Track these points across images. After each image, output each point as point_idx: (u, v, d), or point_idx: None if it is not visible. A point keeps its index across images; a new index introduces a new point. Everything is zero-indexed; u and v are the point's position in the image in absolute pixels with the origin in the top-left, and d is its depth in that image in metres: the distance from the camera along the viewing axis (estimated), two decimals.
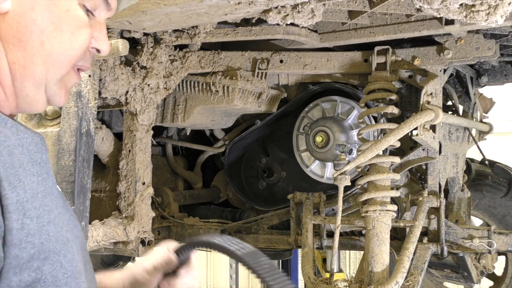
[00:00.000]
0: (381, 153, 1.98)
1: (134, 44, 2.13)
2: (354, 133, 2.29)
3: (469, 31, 1.96)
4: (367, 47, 2.16)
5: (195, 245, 1.11)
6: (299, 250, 2.34)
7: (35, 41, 0.82)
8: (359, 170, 2.11)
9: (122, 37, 1.98)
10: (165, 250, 1.13)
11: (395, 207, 1.98)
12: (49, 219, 0.82)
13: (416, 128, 1.96)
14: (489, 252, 2.13)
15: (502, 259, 2.95)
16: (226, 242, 1.04)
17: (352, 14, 1.94)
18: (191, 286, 1.18)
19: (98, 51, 0.92)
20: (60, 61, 0.86)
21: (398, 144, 1.99)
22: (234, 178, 2.78)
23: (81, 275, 0.85)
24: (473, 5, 1.41)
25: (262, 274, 0.97)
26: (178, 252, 1.14)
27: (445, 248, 2.07)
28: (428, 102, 1.99)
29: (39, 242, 0.77)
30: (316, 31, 2.10)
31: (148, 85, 2.20)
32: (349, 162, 2.04)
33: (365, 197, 1.98)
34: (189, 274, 1.17)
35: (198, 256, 1.19)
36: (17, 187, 0.74)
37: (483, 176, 2.94)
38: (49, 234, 0.80)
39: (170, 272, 1.15)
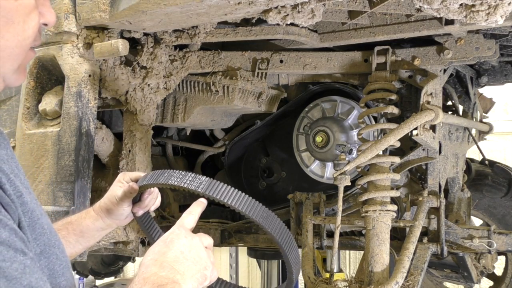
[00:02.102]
0: (381, 153, 1.98)
1: (134, 44, 2.13)
2: (354, 133, 2.29)
3: (469, 31, 1.96)
4: (367, 47, 2.16)
5: (154, 183, 1.25)
6: (299, 250, 2.34)
7: None
8: (359, 170, 2.11)
9: (122, 37, 1.98)
10: (123, 184, 1.32)
11: (395, 207, 1.98)
12: (41, 212, 0.82)
13: (416, 128, 1.97)
14: (489, 252, 2.13)
15: (502, 259, 2.95)
16: (183, 180, 1.16)
17: (352, 14, 1.94)
18: (156, 205, 1.41)
19: (45, 24, 0.91)
20: (16, 53, 0.85)
21: (398, 144, 1.99)
22: (234, 178, 2.78)
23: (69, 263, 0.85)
24: (473, 5, 1.41)
25: (225, 199, 1.11)
26: (138, 182, 1.32)
27: (445, 248, 2.07)
28: (428, 102, 2.00)
29: (32, 237, 0.77)
30: (316, 31, 2.10)
31: (148, 85, 2.20)
32: (349, 162, 2.04)
33: (365, 197, 1.98)
34: (152, 195, 1.37)
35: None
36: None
37: (483, 176, 2.94)
38: (43, 227, 0.80)
39: (137, 199, 1.36)
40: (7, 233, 0.67)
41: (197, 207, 1.16)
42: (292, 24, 1.80)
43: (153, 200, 1.40)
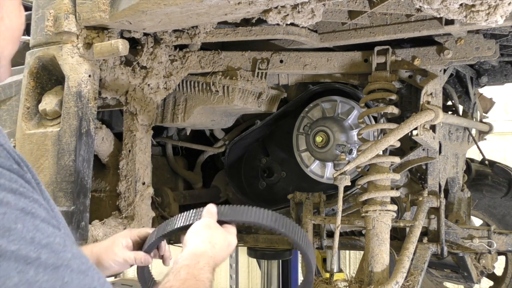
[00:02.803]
0: (381, 153, 1.98)
1: (134, 44, 2.13)
2: (354, 133, 2.29)
3: (469, 31, 1.96)
4: (367, 47, 2.16)
5: (159, 240, 1.27)
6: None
7: None
8: (359, 170, 2.11)
9: (122, 37, 1.98)
10: (128, 242, 1.28)
11: (395, 207, 1.98)
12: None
13: (416, 128, 1.96)
14: (489, 252, 2.13)
15: (502, 259, 2.95)
16: (188, 219, 1.24)
17: (352, 14, 1.94)
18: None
19: None
20: (16, 36, 0.87)
21: (398, 144, 1.99)
22: (234, 178, 2.78)
23: None
24: (473, 5, 1.41)
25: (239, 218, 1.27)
26: (146, 250, 1.30)
27: (445, 248, 2.07)
28: (428, 102, 1.99)
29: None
30: (316, 31, 2.10)
31: (148, 85, 2.20)
32: (349, 162, 2.04)
33: (365, 197, 1.98)
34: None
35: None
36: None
37: (483, 176, 2.94)
38: (61, 217, 0.81)
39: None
40: (45, 211, 0.69)
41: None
42: (292, 24, 1.80)
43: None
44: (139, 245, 1.31)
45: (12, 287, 0.58)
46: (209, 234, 1.14)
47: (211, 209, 1.25)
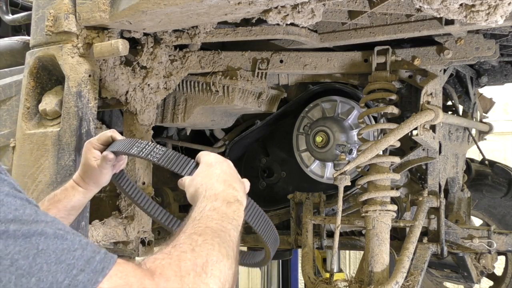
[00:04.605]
0: (381, 153, 1.98)
1: (134, 44, 2.13)
2: (354, 133, 2.29)
3: (469, 31, 1.96)
4: (367, 47, 2.16)
5: (124, 152, 1.29)
6: (299, 250, 2.34)
7: None
8: (359, 170, 2.11)
9: (122, 37, 1.97)
10: (95, 152, 1.33)
11: (395, 207, 1.98)
12: None
13: (416, 128, 1.97)
14: (489, 252, 2.13)
15: (502, 259, 2.95)
16: (147, 152, 1.21)
17: (352, 14, 1.94)
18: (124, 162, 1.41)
19: None
20: None
21: (398, 144, 1.99)
22: None
23: None
24: (473, 5, 1.41)
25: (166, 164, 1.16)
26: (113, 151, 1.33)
27: (445, 248, 2.07)
28: (428, 102, 2.00)
29: None
30: (316, 31, 2.10)
31: (148, 85, 2.20)
32: (349, 162, 2.04)
33: (365, 197, 1.98)
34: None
35: None
36: None
37: (483, 176, 2.94)
38: None
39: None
40: (8, 186, 0.69)
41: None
42: (292, 24, 1.80)
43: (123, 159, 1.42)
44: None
45: None
46: (219, 171, 1.07)
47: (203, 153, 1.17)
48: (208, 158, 1.12)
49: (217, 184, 1.02)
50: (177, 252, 0.76)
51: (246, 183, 1.14)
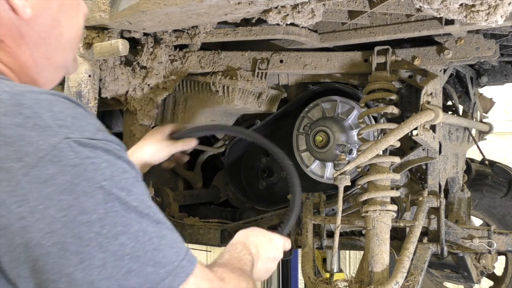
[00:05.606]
0: (381, 153, 1.98)
1: (134, 44, 2.13)
2: (354, 133, 2.29)
3: (469, 31, 1.96)
4: (367, 47, 2.16)
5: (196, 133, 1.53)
6: (299, 250, 2.34)
7: (56, 34, 0.91)
8: (359, 170, 2.11)
9: (122, 37, 1.97)
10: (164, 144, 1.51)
11: (395, 207, 1.98)
12: None
13: (416, 128, 1.96)
14: (489, 252, 2.13)
15: (502, 259, 2.95)
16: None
17: (352, 14, 1.94)
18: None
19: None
20: (75, 43, 0.98)
21: (398, 144, 1.99)
22: (234, 178, 2.78)
23: None
24: (473, 5, 1.41)
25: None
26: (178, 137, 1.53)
27: (445, 248, 2.07)
28: (428, 102, 1.99)
29: None
30: (316, 31, 2.10)
31: (148, 85, 2.20)
32: (349, 162, 2.04)
33: (365, 197, 1.98)
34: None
35: None
36: None
37: (483, 176, 2.94)
38: None
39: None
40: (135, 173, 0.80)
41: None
42: (292, 24, 1.80)
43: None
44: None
45: (133, 232, 0.71)
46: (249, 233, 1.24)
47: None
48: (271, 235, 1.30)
49: (252, 238, 1.21)
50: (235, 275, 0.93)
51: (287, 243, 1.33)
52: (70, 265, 0.65)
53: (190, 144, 1.55)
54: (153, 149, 1.51)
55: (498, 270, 2.93)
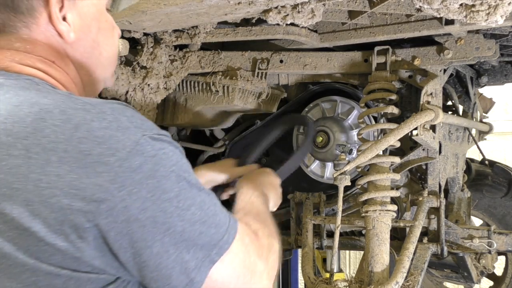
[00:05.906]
0: (381, 153, 1.98)
1: (134, 44, 2.13)
2: (354, 133, 2.29)
3: (469, 31, 1.96)
4: (367, 47, 2.16)
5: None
6: (299, 250, 2.34)
7: (96, 54, 1.04)
8: (359, 170, 2.11)
9: (122, 37, 1.97)
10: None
11: (395, 207, 1.98)
12: None
13: (416, 128, 1.96)
14: (489, 252, 2.13)
15: (502, 259, 2.95)
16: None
17: (352, 14, 1.94)
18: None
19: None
20: (114, 60, 1.11)
21: (398, 144, 1.99)
22: None
23: None
24: (473, 5, 1.41)
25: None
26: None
27: (445, 248, 2.07)
28: (428, 102, 1.99)
29: None
30: (316, 31, 2.10)
31: (148, 85, 2.20)
32: (349, 162, 2.04)
33: (365, 197, 1.98)
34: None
35: None
36: None
37: (483, 176, 2.94)
38: None
39: None
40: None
41: None
42: (292, 24, 1.80)
43: None
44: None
45: (198, 203, 0.87)
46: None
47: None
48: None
49: (265, 177, 1.57)
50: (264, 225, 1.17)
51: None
52: (160, 232, 0.82)
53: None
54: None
55: (498, 270, 2.93)
